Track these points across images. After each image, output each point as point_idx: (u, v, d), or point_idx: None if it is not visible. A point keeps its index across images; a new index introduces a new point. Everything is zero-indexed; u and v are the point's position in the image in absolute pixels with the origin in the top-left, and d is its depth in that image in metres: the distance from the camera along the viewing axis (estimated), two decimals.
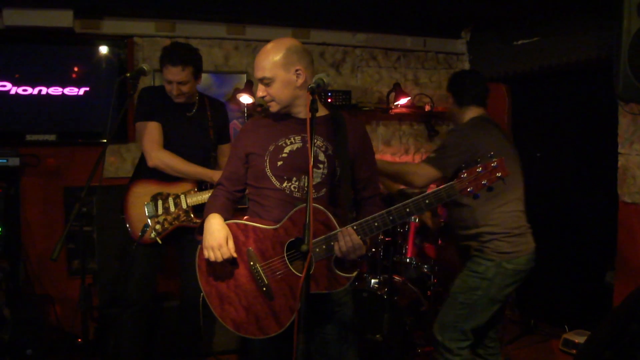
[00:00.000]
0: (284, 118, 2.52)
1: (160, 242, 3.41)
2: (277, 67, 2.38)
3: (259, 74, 2.41)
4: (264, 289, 2.37)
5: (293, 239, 2.35)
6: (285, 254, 2.37)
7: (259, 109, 4.85)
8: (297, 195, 2.42)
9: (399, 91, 5.15)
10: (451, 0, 4.46)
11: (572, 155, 4.90)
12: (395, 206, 2.28)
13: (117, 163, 4.70)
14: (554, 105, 5.04)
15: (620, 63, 3.54)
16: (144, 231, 3.37)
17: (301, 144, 2.45)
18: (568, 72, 4.65)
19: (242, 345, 4.26)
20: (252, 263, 2.39)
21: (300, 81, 2.41)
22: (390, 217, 2.28)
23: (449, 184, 2.28)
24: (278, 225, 2.38)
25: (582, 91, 4.71)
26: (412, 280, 4.51)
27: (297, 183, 2.43)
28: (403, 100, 5.12)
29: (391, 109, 5.23)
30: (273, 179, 2.44)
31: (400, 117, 5.50)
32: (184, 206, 3.46)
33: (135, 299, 3.54)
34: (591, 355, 2.84)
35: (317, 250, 2.30)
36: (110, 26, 4.56)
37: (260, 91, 2.43)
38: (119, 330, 3.60)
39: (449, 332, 3.11)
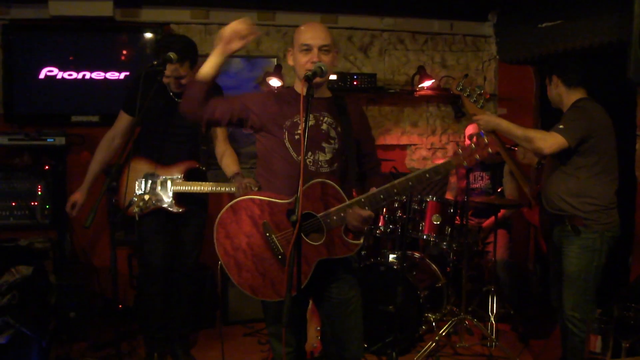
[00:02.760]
0: (292, 96, 2.68)
1: (137, 218, 3.45)
2: (332, 41, 2.62)
3: (321, 41, 2.56)
4: (279, 257, 2.57)
5: (306, 212, 2.53)
6: None
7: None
8: (312, 169, 2.61)
9: (423, 74, 5.27)
10: None
11: None
12: (399, 180, 2.50)
13: None
14: None
15: (632, 46, 3.61)
16: (130, 204, 3.46)
17: (314, 121, 2.63)
18: (590, 55, 4.68)
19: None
20: (268, 234, 2.58)
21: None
22: (395, 190, 2.50)
23: (447, 160, 2.53)
24: (292, 199, 2.54)
25: (603, 74, 4.73)
26: (431, 257, 4.69)
27: (312, 157, 2.61)
28: (427, 83, 5.25)
29: (416, 91, 5.37)
30: (291, 150, 2.61)
31: (427, 99, 5.63)
32: (169, 191, 3.63)
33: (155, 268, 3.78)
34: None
35: (328, 220, 2.52)
36: (148, 14, 4.86)
37: (316, 57, 2.55)
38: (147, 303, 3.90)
39: (582, 306, 3.31)
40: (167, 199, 3.64)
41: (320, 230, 2.54)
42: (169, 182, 3.64)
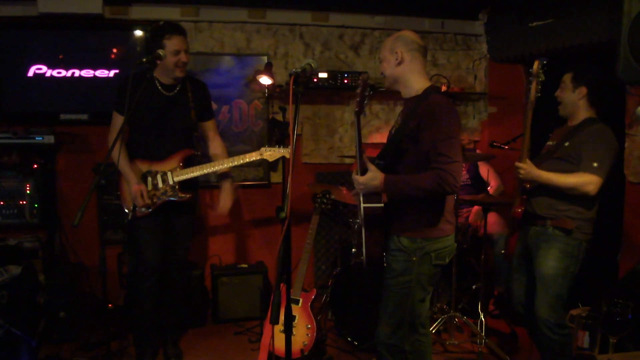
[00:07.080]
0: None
1: (130, 217, 3.66)
2: (386, 50, 2.93)
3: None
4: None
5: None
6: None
7: (277, 89, 5.09)
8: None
9: None
10: None
11: None
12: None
13: None
14: None
15: (621, 45, 3.62)
16: (135, 206, 3.63)
17: (400, 121, 2.95)
18: (581, 54, 4.69)
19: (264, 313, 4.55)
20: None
21: (396, 61, 2.86)
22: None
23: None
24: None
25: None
26: None
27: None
28: None
29: None
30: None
31: None
32: (171, 182, 3.74)
33: (152, 267, 3.82)
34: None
35: None
36: (138, 12, 4.82)
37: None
38: (139, 299, 3.90)
39: (557, 309, 3.34)
40: (171, 190, 3.75)
41: None
42: (169, 174, 3.75)
